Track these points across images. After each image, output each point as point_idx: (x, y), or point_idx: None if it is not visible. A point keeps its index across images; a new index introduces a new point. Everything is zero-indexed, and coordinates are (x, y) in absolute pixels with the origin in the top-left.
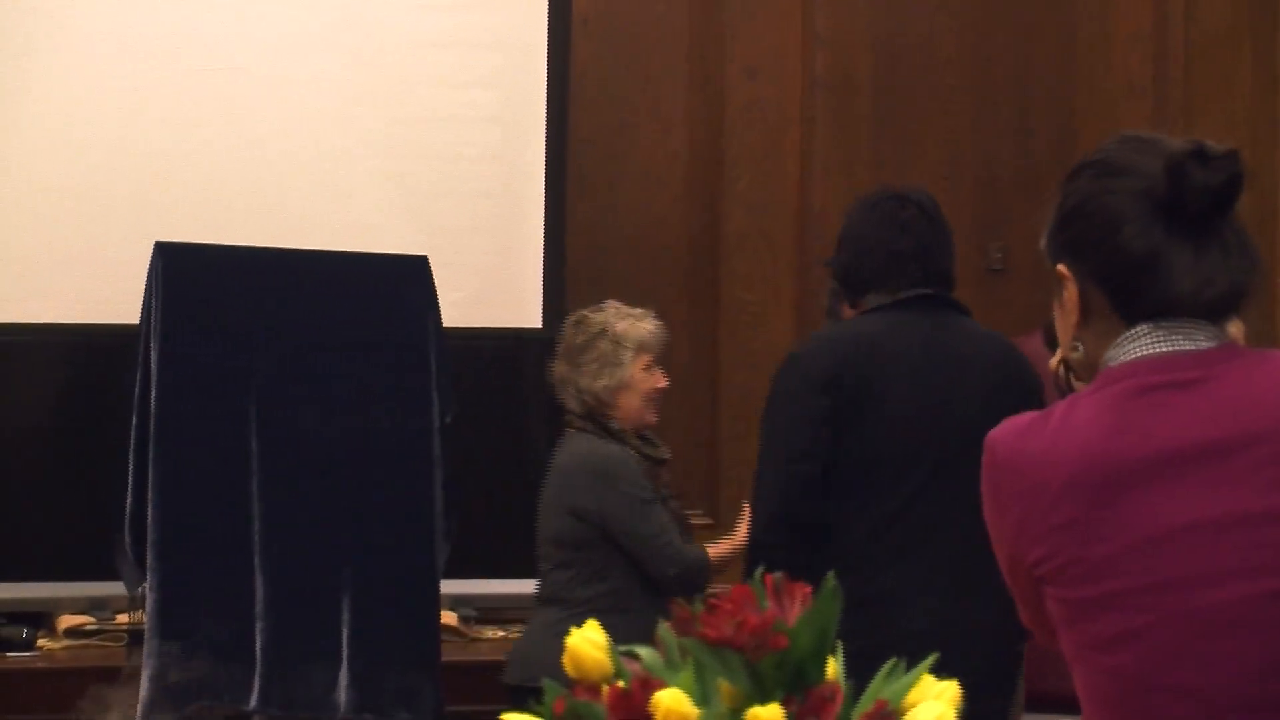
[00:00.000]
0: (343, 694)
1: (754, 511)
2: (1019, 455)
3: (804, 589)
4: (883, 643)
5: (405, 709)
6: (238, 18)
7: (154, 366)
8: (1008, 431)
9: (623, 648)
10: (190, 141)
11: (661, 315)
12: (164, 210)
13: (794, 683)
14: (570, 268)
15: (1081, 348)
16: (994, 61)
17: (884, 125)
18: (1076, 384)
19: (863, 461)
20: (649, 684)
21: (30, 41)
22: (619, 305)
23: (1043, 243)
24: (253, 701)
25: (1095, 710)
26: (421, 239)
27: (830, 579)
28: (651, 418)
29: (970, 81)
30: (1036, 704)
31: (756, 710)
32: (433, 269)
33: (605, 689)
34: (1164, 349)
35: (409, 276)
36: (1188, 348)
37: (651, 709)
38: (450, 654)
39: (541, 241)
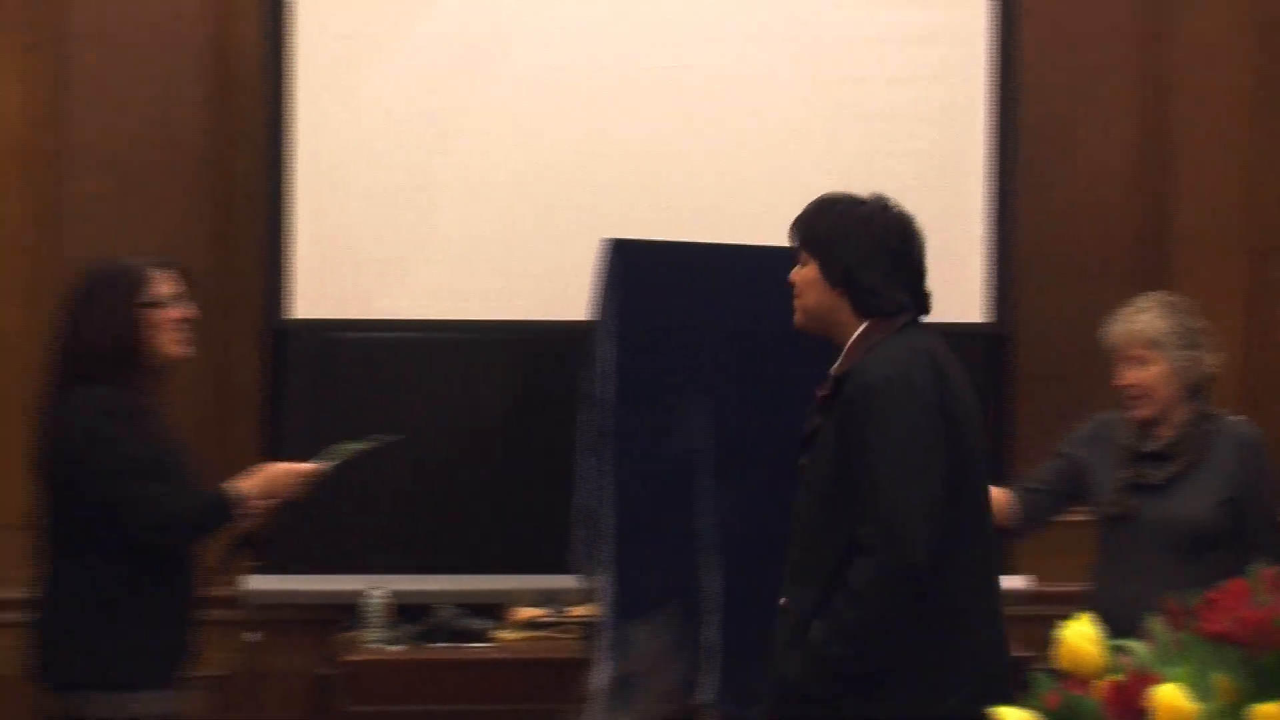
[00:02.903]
0: None
1: (906, 538)
2: None
3: None
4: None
5: None
6: (685, 15)
7: (610, 363)
8: None
9: (1114, 642)
10: (637, 139)
11: (1107, 310)
12: (607, 208)
13: None
14: (1014, 261)
15: None
16: None
17: None
18: None
19: (967, 479)
20: (1144, 678)
21: (488, 42)
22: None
23: None
24: (708, 695)
25: None
26: None
27: None
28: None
29: None
30: None
31: (1263, 707)
32: None
33: (1097, 684)
34: None
35: None
36: None
37: (1149, 704)
38: None
39: (981, 236)
